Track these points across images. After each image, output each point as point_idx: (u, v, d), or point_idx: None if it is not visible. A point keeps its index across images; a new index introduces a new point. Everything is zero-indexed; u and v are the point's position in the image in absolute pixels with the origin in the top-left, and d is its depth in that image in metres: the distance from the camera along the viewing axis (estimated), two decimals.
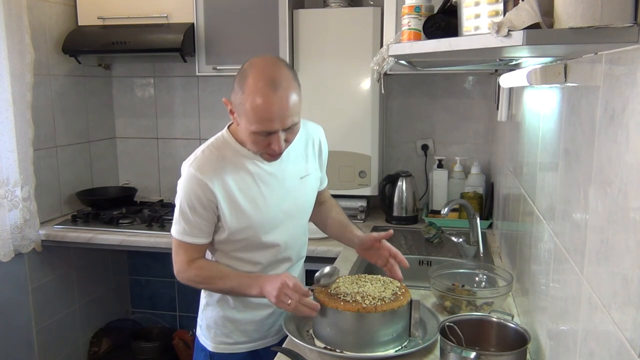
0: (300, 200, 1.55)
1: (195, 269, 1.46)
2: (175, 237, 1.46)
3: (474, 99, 2.72)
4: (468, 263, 1.81)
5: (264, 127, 1.30)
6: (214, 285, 1.49)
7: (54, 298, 2.64)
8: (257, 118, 1.29)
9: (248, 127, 1.32)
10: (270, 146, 1.35)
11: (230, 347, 1.57)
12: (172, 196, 3.06)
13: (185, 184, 1.41)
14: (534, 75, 1.13)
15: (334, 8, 2.52)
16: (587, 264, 0.85)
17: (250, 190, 1.44)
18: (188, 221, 1.42)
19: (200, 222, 1.42)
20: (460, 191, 2.59)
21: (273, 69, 1.31)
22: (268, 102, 1.27)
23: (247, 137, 1.36)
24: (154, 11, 2.63)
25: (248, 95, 1.28)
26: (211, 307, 1.58)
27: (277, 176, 1.48)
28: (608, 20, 0.64)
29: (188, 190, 1.40)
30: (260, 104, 1.27)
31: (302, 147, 1.56)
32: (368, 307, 1.28)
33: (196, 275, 1.47)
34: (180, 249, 1.47)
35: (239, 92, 1.31)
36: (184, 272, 1.47)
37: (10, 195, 2.32)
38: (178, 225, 1.45)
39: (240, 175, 1.43)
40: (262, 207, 1.45)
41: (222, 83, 2.96)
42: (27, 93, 2.38)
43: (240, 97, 1.31)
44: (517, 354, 1.14)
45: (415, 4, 1.10)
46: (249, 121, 1.31)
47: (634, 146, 0.67)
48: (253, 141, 1.35)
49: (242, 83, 1.30)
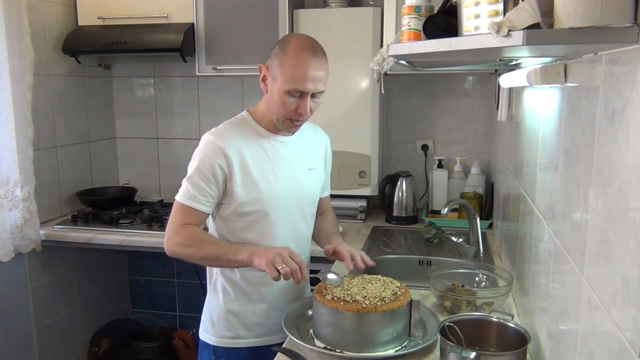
0: (306, 188, 1.62)
1: (187, 232, 1.48)
2: (177, 200, 1.49)
3: (474, 99, 2.72)
4: (468, 263, 1.81)
5: (299, 85, 1.42)
6: (202, 250, 1.48)
7: (54, 298, 2.64)
8: (295, 76, 1.42)
9: (282, 87, 1.43)
10: (297, 109, 1.45)
11: (232, 341, 1.58)
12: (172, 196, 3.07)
13: (201, 150, 1.49)
14: (534, 75, 1.13)
15: (334, 8, 2.52)
16: (587, 264, 0.85)
17: (264, 165, 1.52)
18: (196, 186, 1.47)
19: (208, 189, 1.47)
20: (460, 191, 2.59)
21: (313, 41, 1.48)
22: (307, 63, 1.42)
23: (278, 98, 1.45)
24: (154, 11, 2.63)
25: (290, 56, 1.42)
26: (214, 301, 1.60)
27: (288, 159, 1.57)
28: (608, 20, 0.64)
29: (203, 156, 1.47)
30: (300, 63, 1.42)
31: (312, 142, 1.67)
32: (368, 307, 1.28)
33: (187, 238, 1.47)
34: (179, 213, 1.49)
35: (280, 53, 1.44)
36: (175, 235, 1.48)
37: (10, 195, 2.32)
38: (184, 189, 1.49)
39: (256, 150, 1.52)
40: (273, 183, 1.52)
41: (222, 83, 2.96)
42: (27, 93, 2.38)
43: (281, 57, 1.44)
44: (517, 354, 1.14)
45: (415, 4, 1.10)
46: (285, 80, 1.42)
47: (634, 146, 0.67)
48: (283, 102, 1.45)
49: (285, 47, 1.45)
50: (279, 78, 1.44)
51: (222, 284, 1.59)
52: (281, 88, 1.44)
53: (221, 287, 1.59)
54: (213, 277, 1.62)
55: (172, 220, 1.50)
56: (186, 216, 1.48)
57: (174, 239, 1.49)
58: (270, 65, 1.48)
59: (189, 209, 1.47)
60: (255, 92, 2.93)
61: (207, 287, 1.65)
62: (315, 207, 1.69)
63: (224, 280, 1.59)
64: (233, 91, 2.96)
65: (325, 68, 1.47)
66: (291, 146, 1.58)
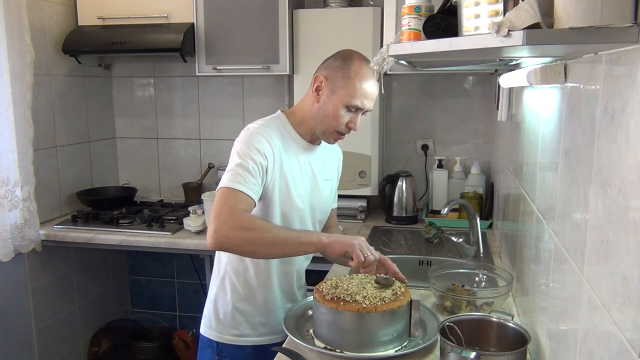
0: (322, 198, 1.65)
1: (247, 216, 1.37)
2: (226, 187, 1.38)
3: (474, 99, 2.72)
4: (468, 263, 1.81)
5: (360, 102, 1.49)
6: (269, 234, 1.37)
7: (54, 298, 2.65)
8: (360, 93, 1.48)
9: (343, 100, 1.48)
10: (349, 123, 1.52)
11: (237, 339, 1.59)
12: (172, 196, 3.10)
13: (246, 138, 1.47)
14: (534, 75, 1.13)
15: (334, 8, 2.52)
16: (587, 264, 0.85)
17: (294, 167, 1.54)
18: (246, 170, 1.40)
19: (257, 177, 1.41)
20: (460, 191, 2.59)
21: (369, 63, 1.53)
22: (371, 82, 1.50)
23: (333, 111, 1.49)
24: (154, 11, 2.63)
25: (356, 72, 1.48)
26: (222, 298, 1.60)
27: (312, 168, 1.60)
28: (608, 20, 0.64)
29: (251, 145, 1.44)
30: (367, 83, 1.49)
31: (330, 154, 1.70)
32: (368, 307, 1.28)
33: (248, 220, 1.35)
34: (229, 198, 1.36)
35: (344, 67, 1.50)
36: (231, 219, 1.33)
37: (10, 195, 2.32)
38: (231, 175, 1.39)
39: (289, 152, 1.54)
40: (298, 187, 1.55)
41: (222, 83, 2.96)
42: (27, 93, 2.38)
43: (346, 72, 1.49)
44: (517, 354, 1.14)
45: (415, 4, 1.10)
46: (348, 94, 1.48)
47: (634, 146, 0.67)
48: (338, 115, 1.50)
49: (348, 62, 1.50)
50: (341, 92, 1.48)
51: (231, 281, 1.59)
52: (341, 101, 1.48)
53: (230, 285, 1.59)
54: (221, 274, 1.61)
55: (221, 207, 1.35)
56: (238, 201, 1.36)
57: (231, 222, 1.33)
58: (331, 78, 1.50)
59: (240, 193, 1.37)
60: (255, 92, 2.94)
61: (214, 284, 1.64)
62: (326, 218, 1.72)
63: (234, 278, 1.58)
64: (233, 91, 2.96)
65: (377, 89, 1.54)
66: (316, 156, 1.62)
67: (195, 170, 3.08)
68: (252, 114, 2.87)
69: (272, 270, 1.57)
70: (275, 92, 2.90)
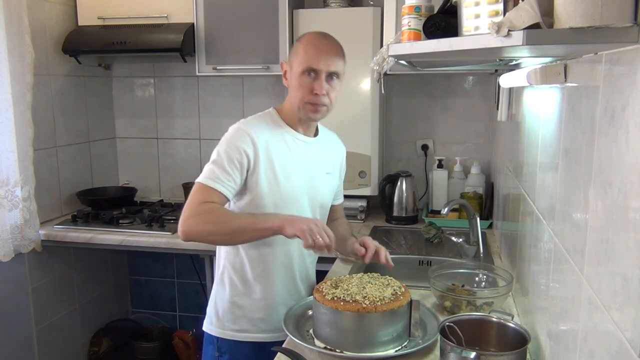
0: (321, 191, 1.65)
1: (208, 207, 1.43)
2: (199, 182, 1.47)
3: (474, 99, 2.72)
4: (468, 263, 1.81)
5: (311, 63, 1.49)
6: (226, 225, 1.45)
7: (54, 298, 2.64)
8: (306, 56, 1.49)
9: (297, 69, 1.50)
10: (313, 91, 1.50)
11: (236, 334, 1.60)
12: (172, 196, 3.10)
13: (229, 136, 1.52)
14: (534, 75, 1.13)
15: (334, 8, 2.52)
16: (587, 264, 0.85)
17: (286, 160, 1.55)
18: (221, 168, 1.46)
19: (232, 174, 1.47)
20: (460, 191, 2.59)
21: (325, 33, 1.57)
22: (317, 43, 1.52)
23: (295, 82, 1.52)
24: (154, 11, 2.63)
25: (302, 41, 1.54)
26: (221, 293, 1.62)
27: (309, 159, 1.61)
28: (608, 20, 0.64)
29: (230, 142, 1.49)
30: (310, 44, 1.51)
31: (331, 148, 1.72)
32: (368, 307, 1.28)
33: (208, 212, 1.43)
34: (199, 193, 1.45)
35: (295, 44, 1.56)
36: (195, 214, 1.43)
37: (10, 195, 2.32)
38: (207, 172, 1.48)
39: (280, 145, 1.56)
40: (292, 179, 1.55)
41: (222, 83, 2.96)
42: (27, 93, 2.38)
43: (295, 46, 1.55)
44: (517, 354, 1.14)
45: (415, 4, 1.10)
46: (299, 62, 1.50)
47: (634, 146, 0.67)
48: (300, 85, 1.51)
49: (299, 38, 1.57)
50: (294, 64, 1.52)
51: (229, 276, 1.60)
52: (296, 71, 1.51)
53: (228, 280, 1.60)
54: (220, 269, 1.63)
55: (190, 201, 1.46)
56: (207, 196, 1.44)
57: (193, 219, 1.43)
58: (289, 59, 1.58)
59: (211, 189, 1.44)
60: (255, 92, 2.94)
61: (215, 279, 1.66)
62: (326, 213, 1.73)
63: (232, 272, 1.60)
64: (233, 91, 2.96)
65: (338, 52, 1.53)
66: (313, 147, 1.63)
67: (195, 170, 3.04)
68: (252, 114, 2.79)
69: (269, 263, 1.58)
70: (275, 92, 2.90)
